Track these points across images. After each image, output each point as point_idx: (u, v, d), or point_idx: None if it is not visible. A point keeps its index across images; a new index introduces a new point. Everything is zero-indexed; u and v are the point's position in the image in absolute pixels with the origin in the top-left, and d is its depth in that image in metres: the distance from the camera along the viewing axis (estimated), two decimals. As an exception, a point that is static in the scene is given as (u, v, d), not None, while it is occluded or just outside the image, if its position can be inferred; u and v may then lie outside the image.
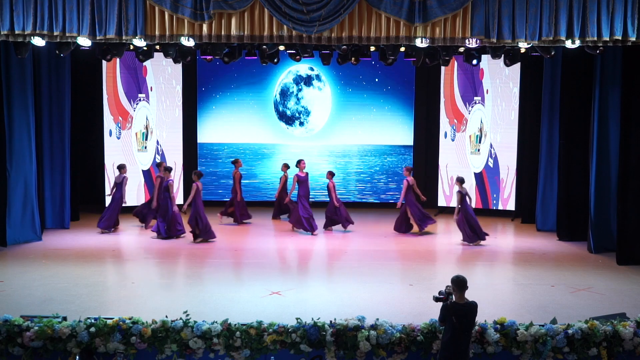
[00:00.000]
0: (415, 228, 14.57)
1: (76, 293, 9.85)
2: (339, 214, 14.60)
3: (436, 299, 7.01)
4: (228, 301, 9.55)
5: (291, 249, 13.31)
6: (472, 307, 6.89)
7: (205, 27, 10.44)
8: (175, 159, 17.04)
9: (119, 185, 14.49)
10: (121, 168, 14.58)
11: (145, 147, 16.65)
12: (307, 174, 14.76)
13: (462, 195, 13.46)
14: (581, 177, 13.46)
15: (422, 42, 10.54)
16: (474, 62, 13.43)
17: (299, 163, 14.78)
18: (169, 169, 14.10)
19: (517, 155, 16.19)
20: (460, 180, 13.60)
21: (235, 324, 7.65)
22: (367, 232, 14.64)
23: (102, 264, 11.80)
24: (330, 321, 7.70)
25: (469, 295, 6.90)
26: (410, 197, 14.32)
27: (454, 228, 15.20)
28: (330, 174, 14.65)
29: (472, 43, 10.52)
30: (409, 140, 17.91)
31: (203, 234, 13.39)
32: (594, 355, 7.61)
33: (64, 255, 12.16)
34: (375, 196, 17.95)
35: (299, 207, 14.38)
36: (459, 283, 6.85)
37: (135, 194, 16.40)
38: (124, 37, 10.45)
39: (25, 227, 13.00)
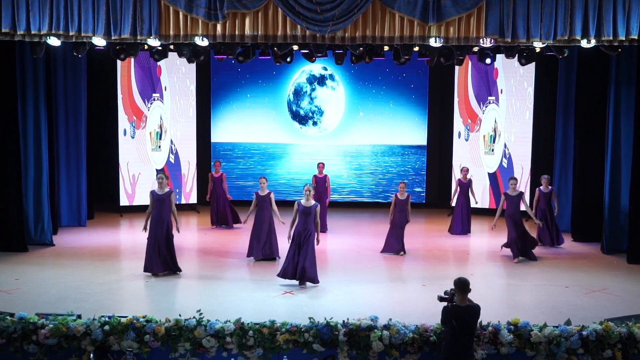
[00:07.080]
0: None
1: (91, 291, 9.91)
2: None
3: (440, 299, 6.92)
4: (241, 300, 9.58)
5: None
6: (474, 310, 6.81)
7: (219, 27, 10.48)
8: (189, 159, 17.10)
9: None
10: None
11: (159, 147, 16.72)
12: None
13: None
14: (596, 177, 13.35)
15: (436, 41, 10.51)
16: (487, 60, 13.35)
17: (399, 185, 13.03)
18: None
19: (531, 155, 16.08)
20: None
21: (248, 323, 7.66)
22: (379, 232, 14.61)
23: (116, 262, 11.88)
24: (343, 321, 7.70)
25: (485, 294, 6.85)
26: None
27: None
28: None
29: (487, 43, 10.48)
30: (423, 140, 17.86)
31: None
32: (608, 357, 7.55)
33: (78, 254, 12.24)
34: (387, 196, 17.90)
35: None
36: (461, 285, 6.77)
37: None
38: (138, 37, 10.51)
39: (38, 228, 12.94)
